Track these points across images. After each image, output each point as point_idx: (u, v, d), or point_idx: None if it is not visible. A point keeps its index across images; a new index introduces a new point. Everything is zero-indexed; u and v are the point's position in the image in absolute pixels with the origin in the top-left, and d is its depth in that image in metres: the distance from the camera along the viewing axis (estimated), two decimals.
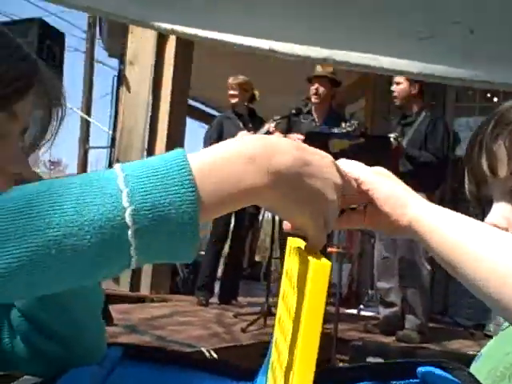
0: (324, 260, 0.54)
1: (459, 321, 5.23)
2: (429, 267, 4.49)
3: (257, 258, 8.74)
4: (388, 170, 0.70)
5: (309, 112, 5.09)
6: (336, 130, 4.57)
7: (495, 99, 6.90)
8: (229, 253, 5.70)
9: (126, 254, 0.50)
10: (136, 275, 5.23)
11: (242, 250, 5.88)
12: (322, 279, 0.53)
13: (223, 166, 0.53)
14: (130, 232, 0.49)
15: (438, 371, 0.68)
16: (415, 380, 0.70)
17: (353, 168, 0.73)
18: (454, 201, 5.71)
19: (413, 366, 0.70)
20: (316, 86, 4.97)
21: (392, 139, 4.36)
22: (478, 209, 0.91)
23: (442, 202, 4.90)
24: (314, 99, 5.00)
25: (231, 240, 5.60)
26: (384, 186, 0.74)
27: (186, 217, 0.50)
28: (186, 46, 5.51)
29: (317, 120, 5.04)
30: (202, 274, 5.36)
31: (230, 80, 5.54)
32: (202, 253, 5.41)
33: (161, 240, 0.50)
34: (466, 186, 0.91)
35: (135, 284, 5.28)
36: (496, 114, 0.85)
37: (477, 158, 0.86)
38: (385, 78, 6.74)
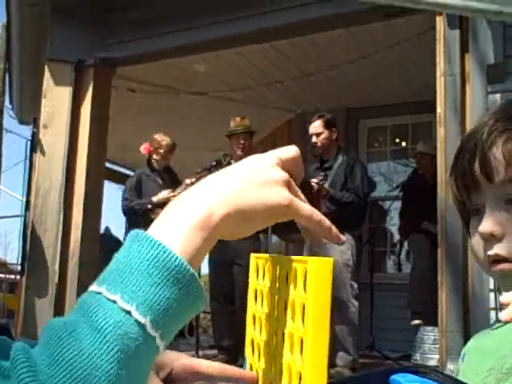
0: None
1: (386, 353, 5.31)
2: (356, 304, 4.56)
3: None
4: None
5: (229, 163, 5.21)
6: None
7: (403, 143, 7.21)
8: None
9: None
10: None
11: None
12: (325, 275, 0.54)
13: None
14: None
15: (412, 376, 0.65)
16: None
17: None
18: (370, 241, 5.85)
19: (385, 375, 0.67)
20: (242, 141, 5.24)
21: (313, 183, 4.47)
22: (463, 217, 0.91)
23: (360, 241, 5.03)
24: (240, 152, 5.19)
25: None
26: None
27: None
28: (102, 107, 5.49)
29: None
30: None
31: (161, 141, 5.60)
32: None
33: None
34: (454, 194, 0.90)
35: None
36: (487, 122, 0.85)
37: (469, 164, 0.85)
38: (299, 127, 6.92)
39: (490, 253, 0.83)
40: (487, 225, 0.83)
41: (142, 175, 5.69)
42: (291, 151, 0.65)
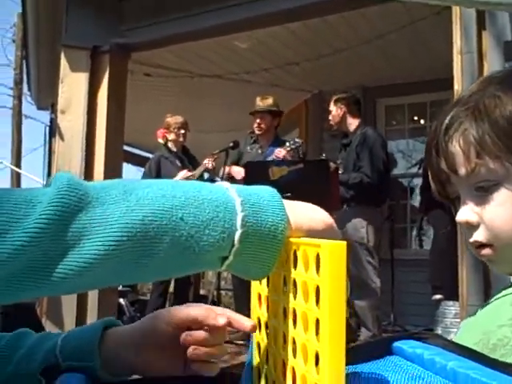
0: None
1: (408, 328, 5.33)
2: (376, 280, 4.59)
3: (201, 292, 8.69)
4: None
5: (255, 142, 5.27)
6: (275, 157, 4.74)
7: (422, 121, 7.17)
8: (174, 287, 5.67)
9: (227, 252, 0.62)
10: (81, 316, 5.08)
11: (187, 283, 5.87)
12: (340, 259, 0.54)
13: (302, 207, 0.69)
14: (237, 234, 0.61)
15: (415, 342, 0.67)
16: (392, 356, 0.68)
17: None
18: (390, 218, 5.86)
19: (388, 343, 0.69)
20: (258, 120, 5.18)
21: (331, 163, 4.49)
22: (452, 206, 0.93)
23: (377, 219, 5.03)
24: (257, 131, 5.20)
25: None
26: None
27: (276, 241, 0.63)
28: (118, 92, 5.52)
29: (263, 148, 5.22)
30: (148, 311, 5.31)
31: (172, 120, 5.64)
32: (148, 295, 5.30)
33: (253, 250, 0.63)
34: (432, 187, 0.93)
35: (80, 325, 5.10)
36: (445, 116, 0.88)
37: (436, 161, 0.88)
38: (316, 107, 6.91)
39: (471, 240, 0.86)
40: (462, 214, 0.86)
41: (160, 158, 5.74)
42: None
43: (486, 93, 0.85)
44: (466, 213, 0.86)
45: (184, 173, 5.48)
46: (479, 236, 0.85)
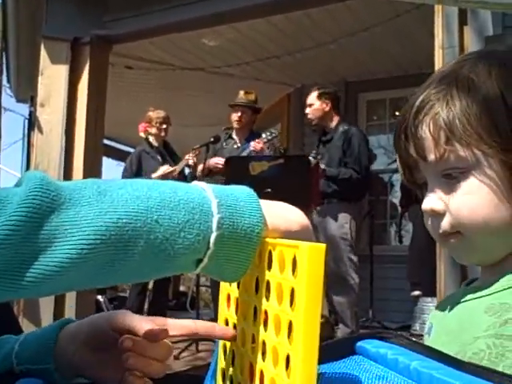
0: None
1: (386, 324, 5.37)
2: (355, 277, 4.60)
3: (181, 288, 8.70)
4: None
5: (230, 137, 5.27)
6: (252, 149, 4.74)
7: None
8: (154, 284, 5.65)
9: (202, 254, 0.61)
10: (58, 314, 5.04)
11: (167, 280, 5.85)
12: (318, 262, 0.53)
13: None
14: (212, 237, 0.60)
15: (378, 342, 0.66)
16: (355, 355, 0.68)
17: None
18: (370, 214, 5.87)
19: (352, 342, 0.68)
20: (239, 114, 5.18)
21: (311, 158, 4.48)
22: (420, 193, 0.90)
23: (360, 214, 5.04)
24: (236, 125, 5.20)
25: None
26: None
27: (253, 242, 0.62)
28: (99, 85, 5.46)
29: (238, 142, 5.21)
30: (127, 308, 5.29)
31: (154, 114, 5.62)
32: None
33: (229, 252, 0.62)
34: (400, 172, 0.91)
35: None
36: (416, 98, 0.84)
37: (404, 145, 0.85)
38: (298, 101, 6.90)
39: (440, 231, 0.83)
40: (427, 201, 0.83)
41: (141, 152, 5.72)
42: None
43: (459, 75, 0.82)
44: (432, 201, 0.83)
45: (165, 168, 5.45)
46: (445, 225, 0.82)
